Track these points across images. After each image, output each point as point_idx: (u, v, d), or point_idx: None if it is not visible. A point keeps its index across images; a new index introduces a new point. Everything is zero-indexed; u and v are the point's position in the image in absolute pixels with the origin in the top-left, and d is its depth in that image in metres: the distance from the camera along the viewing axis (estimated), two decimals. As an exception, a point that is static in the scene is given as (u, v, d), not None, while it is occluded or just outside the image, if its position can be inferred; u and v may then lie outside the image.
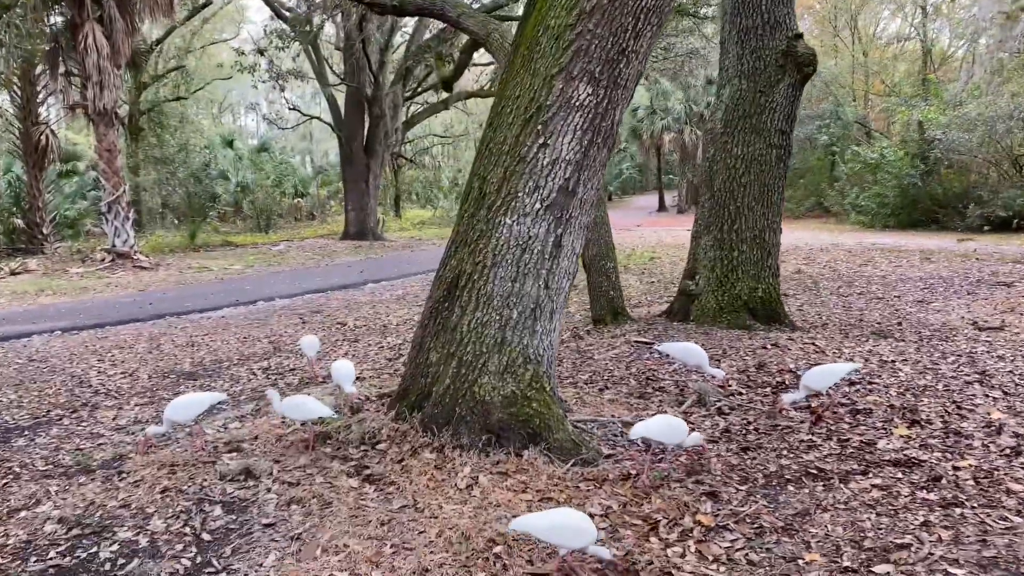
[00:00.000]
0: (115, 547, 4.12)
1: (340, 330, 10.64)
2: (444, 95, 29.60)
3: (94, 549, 4.10)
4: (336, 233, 29.89)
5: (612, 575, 3.66)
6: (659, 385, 6.56)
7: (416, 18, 25.02)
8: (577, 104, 4.90)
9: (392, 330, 10.46)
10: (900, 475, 4.54)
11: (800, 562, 3.69)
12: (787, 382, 6.45)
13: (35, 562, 3.96)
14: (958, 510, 4.08)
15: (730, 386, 6.30)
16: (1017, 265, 14.27)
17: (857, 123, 38.89)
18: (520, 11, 17.40)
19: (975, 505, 4.12)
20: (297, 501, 4.51)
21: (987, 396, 5.87)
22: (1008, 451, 4.78)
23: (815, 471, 4.67)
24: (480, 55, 29.05)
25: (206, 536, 4.22)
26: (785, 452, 5.01)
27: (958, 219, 26.29)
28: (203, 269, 19.81)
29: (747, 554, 3.79)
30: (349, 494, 4.55)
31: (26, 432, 6.34)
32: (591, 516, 4.20)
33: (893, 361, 6.96)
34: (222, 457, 5.22)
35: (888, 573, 3.53)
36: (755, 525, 4.06)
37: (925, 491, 4.31)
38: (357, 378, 7.12)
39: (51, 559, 3.99)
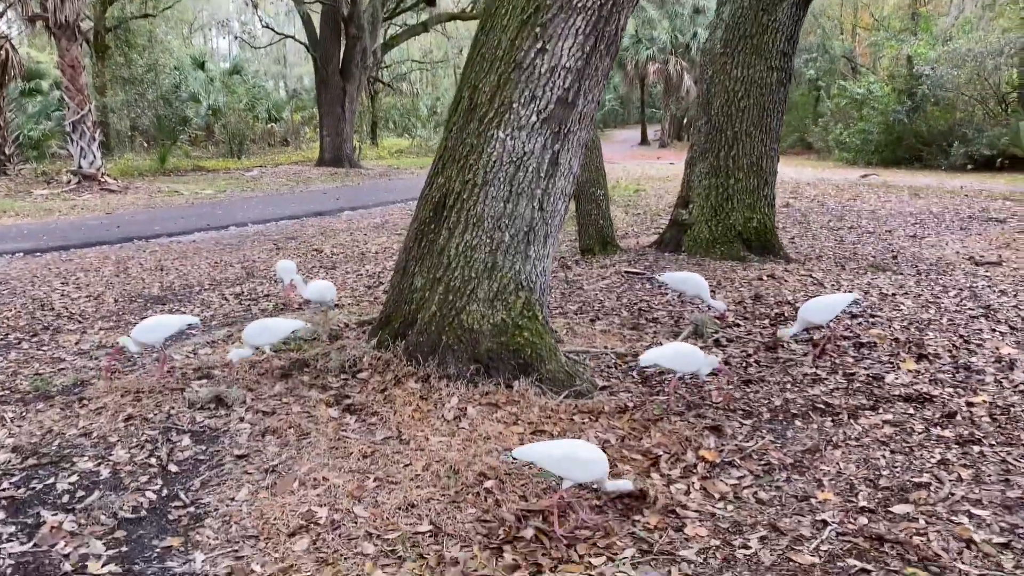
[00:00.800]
0: (74, 478, 3.81)
1: (316, 257, 10.26)
2: (424, 16, 28.57)
3: (51, 480, 3.79)
4: (311, 159, 29.10)
5: (611, 512, 3.41)
6: (652, 316, 6.28)
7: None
8: (579, 5, 4.45)
9: (371, 258, 10.10)
10: (912, 411, 4.32)
11: (813, 501, 3.46)
12: (785, 314, 6.21)
13: (-14, 494, 3.64)
14: (976, 448, 3.86)
15: (729, 318, 6.03)
16: (1007, 202, 14.09)
17: (844, 58, 38.30)
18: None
19: (993, 443, 3.91)
20: (272, 431, 4.21)
21: (994, 331, 5.66)
22: (1023, 387, 4.57)
23: (822, 406, 4.43)
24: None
25: (173, 467, 3.92)
26: (789, 386, 4.77)
27: (942, 157, 26.01)
28: (173, 193, 19.16)
29: (755, 492, 3.55)
30: (328, 424, 4.25)
31: (-19, 356, 5.95)
32: (588, 451, 3.95)
33: (893, 294, 6.73)
34: (191, 384, 4.89)
35: (908, 513, 3.30)
36: (762, 461, 3.83)
37: (939, 428, 4.09)
38: (336, 305, 6.80)
39: (4, 490, 3.67)
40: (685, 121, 45.75)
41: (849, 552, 3.07)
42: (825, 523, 3.27)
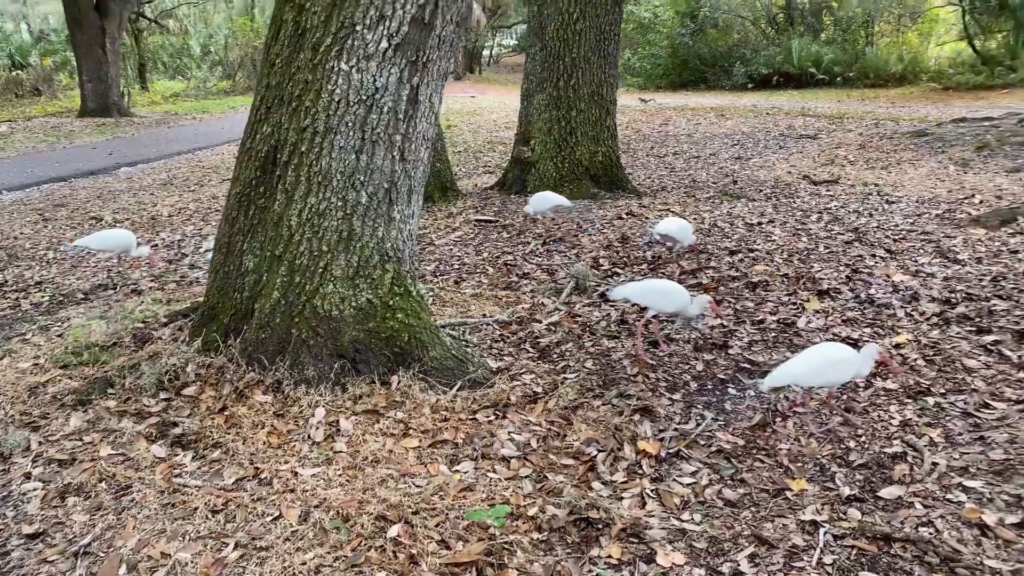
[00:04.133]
0: None
1: (96, 227, 8.58)
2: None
3: None
4: (72, 110, 25.46)
5: (560, 548, 2.68)
6: (523, 271, 5.54)
7: None
8: None
9: (165, 223, 8.59)
10: (843, 361, 3.89)
11: (789, 495, 2.90)
12: (662, 257, 5.69)
13: None
14: (930, 400, 3.48)
15: (602, 265, 5.42)
16: (807, 118, 14.58)
17: (628, -18, 38.84)
18: None
19: (944, 391, 3.55)
20: (76, 490, 3.08)
21: (874, 256, 5.44)
22: (936, 320, 4.29)
23: (747, 365, 3.91)
24: None
25: (-70, 567, 2.73)
26: (701, 343, 4.22)
27: (725, 78, 27.18)
28: (-102, 159, 15.89)
29: (720, 491, 2.94)
30: (156, 469, 3.17)
31: None
32: (504, 459, 3.19)
33: (759, 223, 6.42)
34: (-55, 429, 3.57)
35: (900, 498, 2.82)
36: (712, 447, 3.22)
37: (880, 379, 3.68)
38: (135, 291, 5.53)
39: None
40: (473, 52, 45.01)
41: (858, 562, 2.53)
42: (815, 524, 2.71)
